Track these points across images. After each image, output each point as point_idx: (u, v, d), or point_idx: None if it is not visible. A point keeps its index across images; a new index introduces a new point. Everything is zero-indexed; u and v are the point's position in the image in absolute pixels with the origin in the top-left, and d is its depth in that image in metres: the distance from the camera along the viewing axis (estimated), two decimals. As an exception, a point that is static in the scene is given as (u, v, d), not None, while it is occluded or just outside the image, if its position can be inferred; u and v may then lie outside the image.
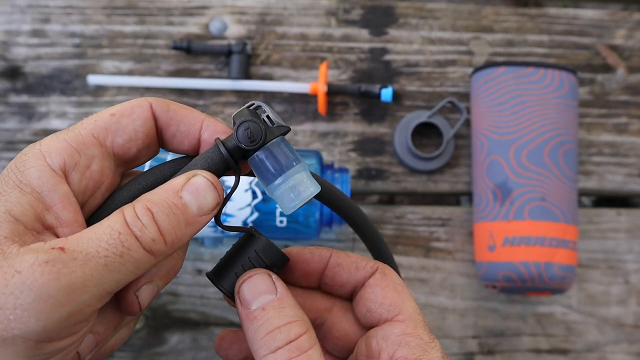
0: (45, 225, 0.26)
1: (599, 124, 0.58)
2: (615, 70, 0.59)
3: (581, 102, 0.58)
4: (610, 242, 0.56)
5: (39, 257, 0.24)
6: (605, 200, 0.59)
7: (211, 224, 0.47)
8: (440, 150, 0.54)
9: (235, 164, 0.29)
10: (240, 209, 0.47)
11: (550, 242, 0.49)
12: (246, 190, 0.47)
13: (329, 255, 0.33)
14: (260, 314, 0.28)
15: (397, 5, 0.59)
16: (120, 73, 0.57)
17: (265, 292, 0.29)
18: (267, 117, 0.29)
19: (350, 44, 0.58)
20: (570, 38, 0.59)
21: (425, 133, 0.57)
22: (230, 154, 0.29)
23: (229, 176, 0.31)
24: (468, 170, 0.56)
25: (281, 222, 0.48)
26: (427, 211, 0.56)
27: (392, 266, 0.35)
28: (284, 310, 0.29)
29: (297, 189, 0.29)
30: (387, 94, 0.54)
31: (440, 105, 0.55)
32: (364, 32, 0.59)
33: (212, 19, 0.58)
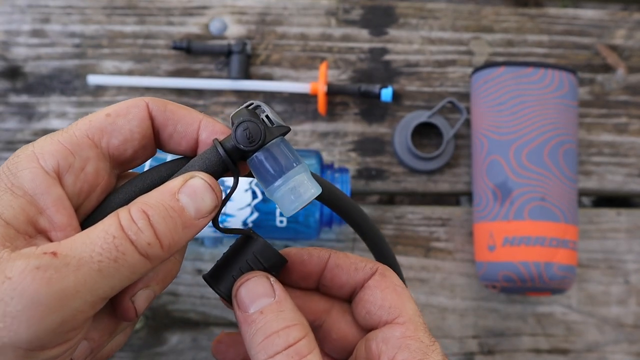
0: (38, 229, 0.25)
1: (599, 124, 0.58)
2: (615, 70, 0.59)
3: (581, 102, 0.58)
4: (610, 242, 0.56)
5: (30, 262, 0.23)
6: (605, 200, 0.59)
7: (211, 224, 0.47)
8: (440, 150, 0.54)
9: (233, 165, 0.29)
10: (240, 209, 0.47)
11: (550, 242, 0.49)
12: (246, 190, 0.47)
13: (328, 256, 0.32)
14: (258, 318, 0.28)
15: (397, 5, 0.59)
16: (120, 73, 0.57)
17: (263, 295, 0.29)
18: (267, 117, 0.29)
19: (350, 44, 0.58)
20: (570, 38, 0.59)
21: (425, 133, 0.57)
22: (229, 155, 0.28)
23: (229, 177, 0.30)
24: (468, 170, 0.56)
25: (281, 222, 0.48)
26: (427, 211, 0.56)
27: (395, 267, 0.34)
28: (282, 313, 0.28)
29: (297, 190, 0.28)
30: (387, 94, 0.54)
31: (440, 105, 0.55)
32: (364, 32, 0.59)
33: (212, 19, 0.58)
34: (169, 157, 0.45)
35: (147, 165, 0.46)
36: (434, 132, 0.57)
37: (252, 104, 0.30)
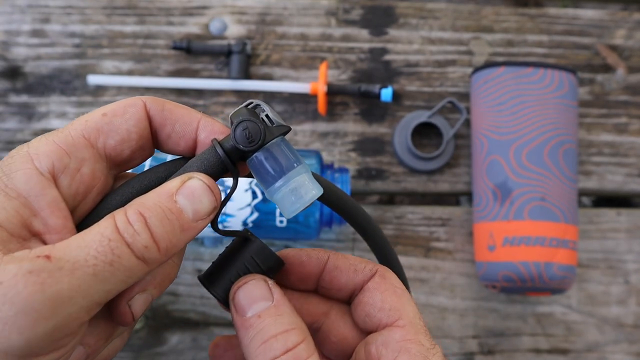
0: (32, 232, 0.25)
1: (599, 124, 0.58)
2: (615, 70, 0.59)
3: (581, 102, 0.58)
4: (610, 242, 0.56)
5: (22, 266, 0.22)
6: (605, 200, 0.59)
7: (209, 226, 0.47)
8: (440, 150, 0.54)
9: (233, 165, 0.28)
10: (240, 209, 0.47)
11: (550, 242, 0.49)
12: (246, 190, 0.47)
13: (327, 258, 0.32)
14: (256, 322, 0.27)
15: (397, 5, 0.59)
16: (120, 73, 0.57)
17: (261, 298, 0.28)
18: (267, 116, 0.28)
19: (350, 44, 0.58)
20: (570, 38, 0.59)
21: (425, 133, 0.57)
22: (228, 156, 0.27)
23: (228, 178, 0.30)
24: (468, 170, 0.56)
25: (281, 222, 0.48)
26: (427, 211, 0.56)
27: (397, 268, 0.34)
28: (280, 317, 0.27)
29: (298, 191, 0.28)
30: (387, 94, 0.54)
31: (440, 105, 0.55)
32: (364, 32, 0.59)
33: (212, 19, 0.58)
34: (169, 158, 0.45)
35: (147, 165, 0.46)
36: (434, 132, 0.57)
37: (251, 103, 0.29)
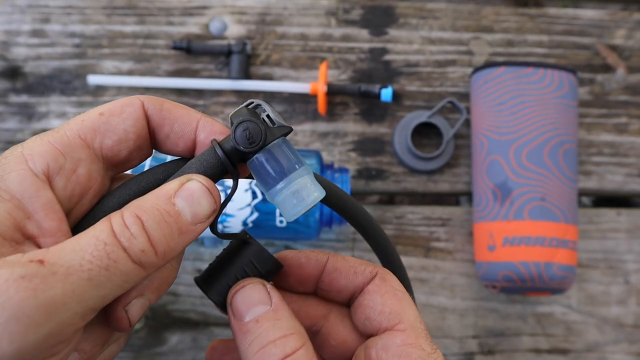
0: (25, 235, 0.24)
1: (599, 124, 0.58)
2: (615, 70, 0.59)
3: (581, 102, 0.58)
4: (610, 242, 0.56)
5: (14, 271, 0.21)
6: (605, 200, 0.59)
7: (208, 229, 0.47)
8: (440, 150, 0.54)
9: (233, 167, 0.27)
10: (240, 209, 0.47)
11: (550, 242, 0.49)
12: (246, 190, 0.47)
13: (326, 260, 0.31)
14: (254, 327, 0.27)
15: (397, 5, 0.59)
16: (120, 73, 0.57)
17: (259, 303, 0.27)
18: (267, 116, 0.27)
19: (350, 44, 0.58)
20: (570, 38, 0.59)
21: (425, 133, 0.57)
22: (228, 157, 0.27)
23: (228, 179, 0.29)
24: (468, 170, 0.56)
25: (281, 222, 0.48)
26: (427, 211, 0.56)
27: (400, 270, 0.33)
28: (279, 322, 0.27)
29: (300, 194, 0.27)
30: (387, 94, 0.54)
31: (440, 105, 0.55)
32: (364, 32, 0.59)
33: (212, 19, 0.58)
34: (169, 158, 0.45)
35: (147, 165, 0.46)
36: (434, 132, 0.57)
37: (252, 102, 0.28)
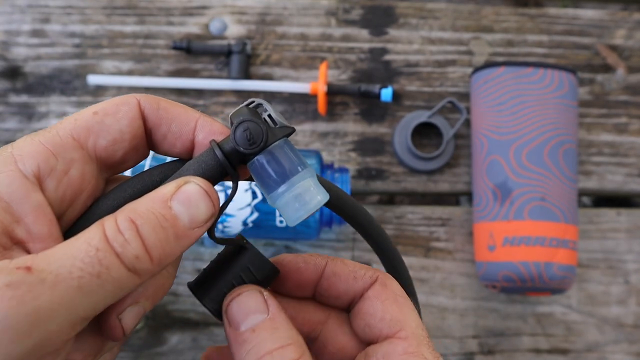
0: (14, 240, 0.23)
1: (599, 124, 0.58)
2: (615, 70, 0.59)
3: (581, 102, 0.58)
4: (610, 242, 0.56)
5: (0, 279, 0.20)
6: (605, 200, 0.59)
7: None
8: (440, 150, 0.54)
9: (232, 169, 0.26)
10: (240, 209, 0.47)
11: (550, 242, 0.49)
12: (246, 190, 0.47)
13: (324, 264, 0.30)
14: (250, 337, 0.25)
15: (397, 5, 0.59)
16: (120, 73, 0.57)
17: (255, 311, 0.26)
18: (269, 116, 0.26)
19: (350, 44, 0.58)
20: (570, 38, 0.59)
21: (425, 133, 0.57)
22: (227, 158, 0.25)
23: (228, 181, 0.28)
24: (468, 170, 0.56)
25: (281, 222, 0.48)
26: (427, 211, 0.56)
27: (404, 276, 0.32)
28: (276, 332, 0.25)
29: (302, 197, 0.26)
30: (387, 94, 0.54)
31: (440, 105, 0.55)
32: (364, 32, 0.59)
33: (212, 19, 0.58)
34: (170, 159, 0.45)
35: (147, 166, 0.46)
36: (434, 132, 0.57)
37: (253, 102, 0.27)
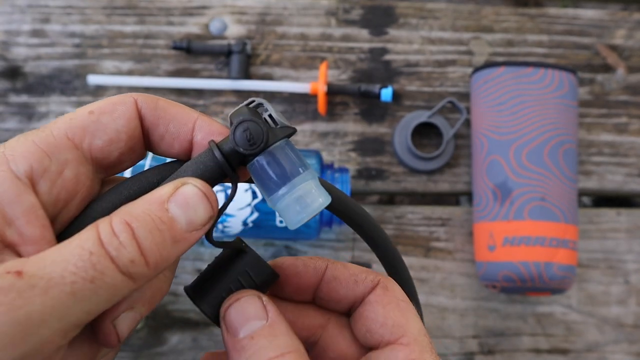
0: (5, 243, 0.22)
1: (599, 124, 0.58)
2: (615, 70, 0.59)
3: (581, 102, 0.58)
4: (610, 242, 0.56)
5: None
6: (605, 200, 0.59)
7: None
8: (440, 150, 0.54)
9: (232, 170, 0.25)
10: (240, 208, 0.47)
11: (550, 242, 0.49)
12: (246, 190, 0.47)
13: (325, 267, 0.29)
14: (249, 344, 0.25)
15: (397, 5, 0.59)
16: (120, 73, 0.57)
17: (254, 317, 0.25)
18: (270, 116, 0.25)
19: (350, 44, 0.58)
20: (570, 38, 0.59)
21: (425, 133, 0.57)
22: (227, 159, 0.25)
23: (227, 183, 0.27)
24: (468, 170, 0.56)
25: (281, 222, 0.48)
26: (427, 211, 0.56)
27: (406, 280, 0.32)
28: (275, 339, 0.25)
29: (304, 200, 0.25)
30: (387, 94, 0.54)
31: (440, 105, 0.55)
32: (364, 32, 0.59)
33: (212, 19, 0.58)
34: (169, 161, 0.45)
35: (147, 166, 0.46)
36: (434, 132, 0.57)
37: (253, 101, 0.26)
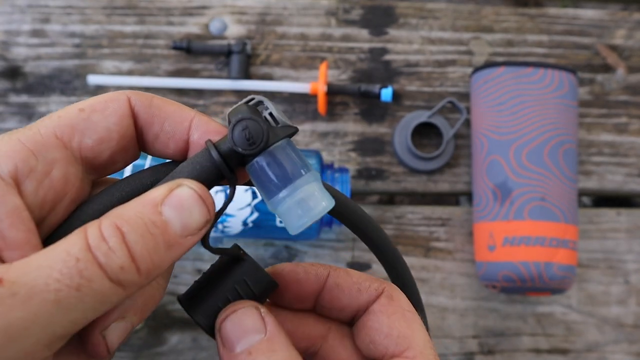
0: None
1: (599, 124, 0.58)
2: (615, 70, 0.59)
3: (581, 102, 0.58)
4: (610, 242, 0.56)
5: None
6: (605, 200, 0.59)
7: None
8: (440, 150, 0.54)
9: (230, 171, 0.24)
10: (240, 208, 0.47)
11: (550, 242, 0.49)
12: (246, 190, 0.47)
13: (327, 275, 0.28)
14: (247, 359, 0.23)
15: (397, 5, 0.59)
16: (120, 73, 0.57)
17: (252, 330, 0.24)
18: (270, 114, 0.24)
19: (350, 44, 0.58)
20: (570, 38, 0.59)
21: (425, 133, 0.57)
22: (224, 160, 0.23)
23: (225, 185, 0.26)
24: (468, 170, 0.56)
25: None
26: (427, 211, 0.56)
27: (416, 297, 0.31)
28: (274, 355, 0.23)
29: (306, 203, 0.24)
30: (387, 94, 0.54)
31: (440, 105, 0.55)
32: (364, 32, 0.59)
33: (212, 19, 0.58)
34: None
35: (148, 165, 0.46)
36: (434, 132, 0.57)
37: (253, 99, 0.25)
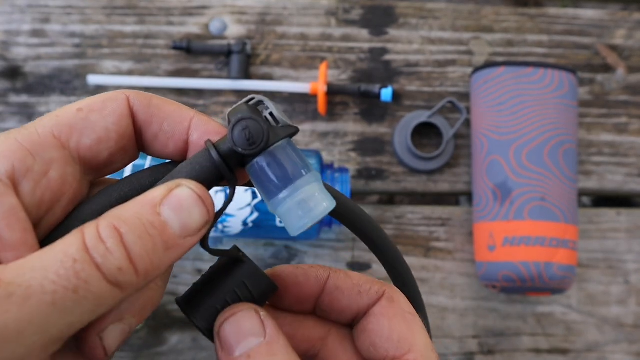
0: None
1: (599, 124, 0.58)
2: (615, 70, 0.59)
3: (581, 102, 0.58)
4: (610, 242, 0.56)
5: None
6: (605, 200, 0.59)
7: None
8: (440, 150, 0.54)
9: (230, 172, 0.23)
10: (240, 208, 0.47)
11: (550, 242, 0.49)
12: (246, 190, 0.47)
13: (327, 277, 0.27)
14: None
15: (397, 5, 0.59)
16: (120, 73, 0.57)
17: (251, 334, 0.24)
18: (271, 114, 0.24)
19: (350, 44, 0.58)
20: (570, 38, 0.59)
21: (425, 133, 0.57)
22: (224, 160, 0.23)
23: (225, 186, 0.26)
24: (468, 170, 0.56)
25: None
26: (427, 211, 0.56)
27: (419, 301, 0.30)
28: (274, 358, 0.23)
29: (306, 204, 0.24)
30: (387, 94, 0.54)
31: (440, 105, 0.55)
32: (364, 32, 0.59)
33: (212, 19, 0.58)
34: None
35: (148, 165, 0.46)
36: (434, 132, 0.57)
37: (253, 98, 0.25)
